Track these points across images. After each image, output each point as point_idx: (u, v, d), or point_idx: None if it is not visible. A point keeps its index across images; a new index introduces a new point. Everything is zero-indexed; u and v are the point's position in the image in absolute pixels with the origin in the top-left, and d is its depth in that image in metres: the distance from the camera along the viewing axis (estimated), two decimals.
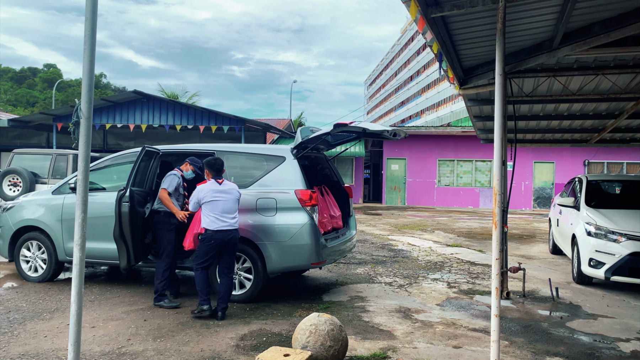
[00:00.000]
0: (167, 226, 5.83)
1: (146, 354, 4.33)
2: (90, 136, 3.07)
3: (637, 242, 6.47)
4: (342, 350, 4.09)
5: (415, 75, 67.67)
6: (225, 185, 5.46)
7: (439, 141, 23.07)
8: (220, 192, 5.39)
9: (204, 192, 5.39)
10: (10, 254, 6.90)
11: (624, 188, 8.76)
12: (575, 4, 4.72)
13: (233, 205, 5.45)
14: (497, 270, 3.87)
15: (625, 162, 21.91)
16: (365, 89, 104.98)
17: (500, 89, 4.17)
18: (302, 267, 6.29)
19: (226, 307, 5.41)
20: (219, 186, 5.42)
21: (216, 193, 5.37)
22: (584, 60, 6.82)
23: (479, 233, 13.31)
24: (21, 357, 4.22)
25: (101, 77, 71.58)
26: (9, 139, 21.59)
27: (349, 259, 8.93)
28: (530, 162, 22.30)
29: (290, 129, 28.64)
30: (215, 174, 5.51)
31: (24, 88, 65.67)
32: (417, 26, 4.53)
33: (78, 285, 3.10)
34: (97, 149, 20.58)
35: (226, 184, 5.50)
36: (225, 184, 5.49)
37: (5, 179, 11.86)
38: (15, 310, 5.52)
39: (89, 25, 3.01)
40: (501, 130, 4.10)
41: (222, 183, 5.46)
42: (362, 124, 5.85)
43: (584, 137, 12.24)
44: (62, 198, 6.70)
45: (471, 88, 7.58)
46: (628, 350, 4.69)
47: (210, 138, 20.81)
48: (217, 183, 5.45)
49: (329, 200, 6.72)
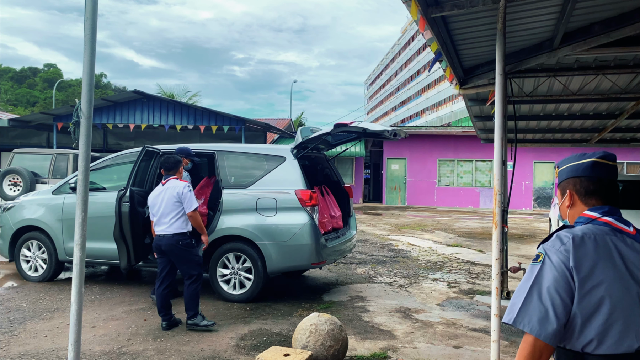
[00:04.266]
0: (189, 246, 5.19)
1: (146, 354, 4.33)
2: (91, 136, 3.07)
3: None
4: (342, 350, 4.09)
5: (416, 75, 67.63)
6: (167, 184, 5.07)
7: (439, 141, 23.06)
8: (159, 195, 5.05)
9: (149, 199, 5.16)
10: (11, 253, 6.91)
11: (624, 188, 8.75)
12: (576, 4, 4.71)
13: (167, 206, 4.97)
14: (497, 270, 3.87)
15: (626, 162, 21.90)
16: (366, 88, 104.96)
17: (501, 89, 4.17)
18: (302, 267, 6.29)
19: (168, 318, 4.99)
20: (162, 187, 5.09)
21: (155, 198, 5.06)
22: (584, 60, 6.81)
23: (479, 233, 13.31)
24: (21, 356, 4.22)
25: (101, 77, 71.57)
26: (9, 139, 21.58)
27: (349, 259, 8.93)
28: (531, 162, 22.29)
29: (291, 129, 28.64)
30: (166, 173, 5.17)
31: (24, 88, 65.65)
32: (418, 26, 4.53)
33: (78, 285, 3.10)
34: (98, 149, 20.59)
35: (169, 183, 5.07)
36: (168, 183, 5.07)
37: (6, 178, 11.86)
38: (16, 309, 5.53)
39: (89, 25, 3.01)
40: (501, 130, 4.09)
41: (166, 183, 5.08)
42: (363, 124, 5.85)
43: (584, 137, 12.23)
44: (63, 198, 6.70)
45: (471, 88, 7.57)
46: None
47: (210, 138, 20.80)
48: (161, 185, 5.12)
49: (329, 200, 6.72)
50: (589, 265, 1.54)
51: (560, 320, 1.52)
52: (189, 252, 5.07)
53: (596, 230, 1.63)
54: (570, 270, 1.54)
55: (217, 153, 6.37)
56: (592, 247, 1.57)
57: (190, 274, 5.03)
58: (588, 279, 1.53)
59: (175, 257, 5.03)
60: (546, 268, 1.58)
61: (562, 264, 1.55)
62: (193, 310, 4.99)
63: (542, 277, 1.58)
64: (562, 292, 1.53)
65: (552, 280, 1.55)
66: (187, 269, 5.04)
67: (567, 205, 1.78)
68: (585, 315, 1.52)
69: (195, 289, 5.01)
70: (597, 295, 1.52)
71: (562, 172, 1.84)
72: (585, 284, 1.53)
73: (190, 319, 4.99)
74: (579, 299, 1.53)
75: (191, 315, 4.99)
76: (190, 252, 5.09)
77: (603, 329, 1.51)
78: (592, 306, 1.52)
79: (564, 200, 1.80)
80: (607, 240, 1.60)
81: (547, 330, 1.51)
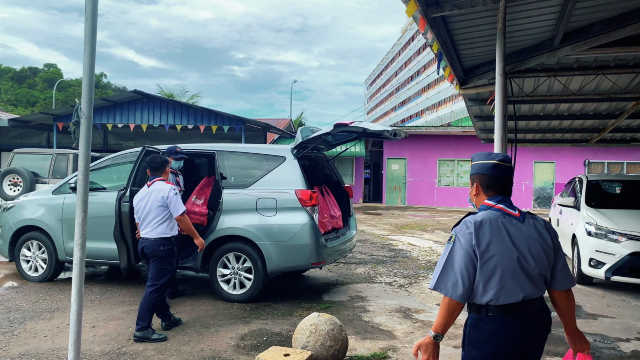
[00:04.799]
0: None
1: (146, 354, 4.33)
2: (91, 136, 3.08)
3: (638, 242, 6.46)
4: (342, 350, 4.09)
5: (416, 75, 67.62)
6: (152, 187, 4.88)
7: (439, 141, 23.06)
8: (143, 198, 4.87)
9: (134, 201, 4.99)
10: (11, 253, 6.90)
11: (624, 188, 8.75)
12: (576, 3, 4.71)
13: (152, 210, 4.79)
14: None
15: (626, 162, 21.89)
16: (366, 88, 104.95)
17: (501, 89, 4.17)
18: (302, 267, 6.29)
19: (141, 329, 4.66)
20: (147, 189, 4.90)
21: (140, 200, 4.88)
22: (584, 60, 6.81)
23: None
24: (21, 356, 4.22)
25: (102, 77, 71.55)
26: (9, 139, 21.58)
27: (349, 259, 8.93)
28: (531, 162, 22.28)
29: (291, 129, 28.63)
30: (152, 173, 5.02)
31: (24, 88, 65.62)
32: (418, 26, 4.54)
33: (78, 285, 3.10)
34: (98, 149, 20.58)
35: (155, 185, 4.89)
36: (154, 185, 4.89)
37: (6, 178, 11.86)
38: (16, 309, 5.53)
39: (89, 25, 3.01)
40: (501, 130, 4.10)
41: (152, 185, 4.91)
42: (363, 124, 5.85)
43: (584, 137, 12.24)
44: (63, 198, 6.70)
45: (471, 88, 7.58)
46: (628, 350, 4.69)
47: (210, 138, 20.79)
48: (146, 186, 4.94)
49: (329, 200, 6.72)
50: (486, 242, 2.16)
51: (467, 285, 2.16)
52: (166, 259, 4.82)
53: (491, 215, 2.24)
54: (473, 247, 2.16)
55: (217, 153, 6.37)
56: (488, 228, 2.19)
57: (155, 281, 4.76)
58: (485, 252, 2.16)
59: (152, 260, 4.82)
60: (456, 247, 2.20)
61: (467, 244, 2.17)
62: (146, 322, 4.65)
63: (454, 254, 2.20)
64: (468, 264, 2.16)
65: (461, 256, 2.17)
66: (156, 275, 4.78)
67: (474, 194, 2.40)
68: (485, 279, 2.16)
69: (155, 298, 4.73)
70: (492, 264, 2.15)
71: (473, 167, 2.40)
72: (483, 256, 2.15)
73: (140, 330, 4.63)
74: (480, 268, 2.16)
75: (143, 327, 4.63)
76: (168, 261, 4.84)
77: (498, 288, 2.15)
78: (489, 272, 2.15)
79: (472, 189, 2.40)
80: (499, 222, 2.22)
81: (457, 292, 2.16)
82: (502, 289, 2.14)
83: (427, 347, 2.24)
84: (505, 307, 2.15)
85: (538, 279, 2.21)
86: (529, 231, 2.23)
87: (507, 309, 2.16)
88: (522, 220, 2.26)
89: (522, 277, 2.17)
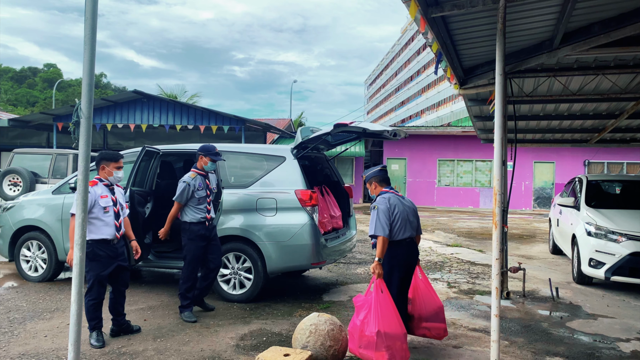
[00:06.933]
0: (188, 234, 5.35)
1: (146, 354, 4.33)
2: (91, 136, 3.08)
3: (637, 242, 6.46)
4: (342, 350, 4.10)
5: (416, 75, 67.61)
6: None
7: (439, 141, 23.06)
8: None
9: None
10: (11, 253, 6.91)
11: (624, 188, 8.76)
12: (576, 4, 4.71)
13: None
14: (497, 270, 3.87)
15: (626, 162, 21.90)
16: (366, 89, 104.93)
17: (501, 89, 4.17)
18: (302, 267, 6.29)
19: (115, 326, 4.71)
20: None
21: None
22: (584, 60, 6.81)
23: (479, 233, 13.31)
24: (21, 356, 4.22)
25: (102, 77, 71.58)
26: (9, 139, 21.58)
27: (349, 259, 8.93)
28: (531, 162, 22.28)
29: (291, 129, 28.64)
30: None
31: (24, 88, 65.64)
32: (418, 26, 4.53)
33: (78, 285, 3.10)
34: (98, 149, 20.57)
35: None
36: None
37: (6, 178, 11.86)
38: (16, 309, 5.53)
39: (89, 25, 3.01)
40: (501, 130, 4.10)
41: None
42: (362, 124, 5.84)
43: (584, 137, 12.23)
44: (62, 198, 6.70)
45: (471, 88, 7.57)
46: (628, 350, 4.69)
47: (210, 138, 20.78)
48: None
49: (329, 200, 6.72)
50: (393, 207, 4.25)
51: (387, 229, 4.15)
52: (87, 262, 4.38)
53: (391, 195, 4.35)
54: (389, 209, 4.22)
55: None
56: (394, 199, 4.31)
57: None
58: (393, 211, 4.24)
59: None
60: (380, 211, 4.20)
61: (385, 208, 4.21)
62: (88, 322, 4.51)
63: (379, 214, 4.18)
64: (387, 219, 4.18)
65: (384, 215, 4.18)
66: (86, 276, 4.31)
67: (374, 188, 4.49)
68: (394, 226, 4.23)
69: (87, 302, 4.49)
70: (397, 217, 4.24)
71: (368, 176, 4.52)
72: (393, 213, 4.23)
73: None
74: (392, 220, 4.22)
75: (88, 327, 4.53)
76: (88, 263, 4.43)
77: (398, 230, 4.25)
78: (396, 222, 4.23)
79: (372, 187, 4.50)
80: (396, 198, 4.35)
81: (385, 232, 4.13)
82: (400, 230, 4.25)
83: (376, 267, 4.08)
84: (402, 240, 4.28)
85: (414, 227, 4.39)
86: (408, 203, 4.43)
87: (402, 241, 4.29)
88: (404, 198, 4.44)
89: (408, 226, 4.32)
